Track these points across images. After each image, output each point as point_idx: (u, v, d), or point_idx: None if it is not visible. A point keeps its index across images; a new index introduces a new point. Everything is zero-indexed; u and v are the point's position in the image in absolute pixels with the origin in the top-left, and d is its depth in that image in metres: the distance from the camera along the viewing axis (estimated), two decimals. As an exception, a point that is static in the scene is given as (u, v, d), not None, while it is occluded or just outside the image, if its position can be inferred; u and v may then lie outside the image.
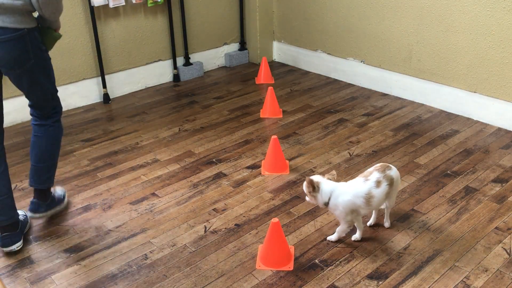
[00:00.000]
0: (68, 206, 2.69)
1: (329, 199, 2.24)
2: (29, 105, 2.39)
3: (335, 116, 3.72)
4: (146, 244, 2.39)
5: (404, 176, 2.88)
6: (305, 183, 2.25)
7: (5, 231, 2.31)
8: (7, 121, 3.53)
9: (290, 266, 2.22)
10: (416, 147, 3.22)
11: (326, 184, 2.25)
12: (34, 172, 2.43)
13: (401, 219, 2.52)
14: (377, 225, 2.48)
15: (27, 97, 2.34)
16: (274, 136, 2.94)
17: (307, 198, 2.30)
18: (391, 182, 2.27)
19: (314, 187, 2.23)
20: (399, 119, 3.64)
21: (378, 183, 2.23)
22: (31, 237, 2.46)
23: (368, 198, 2.23)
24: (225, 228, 2.50)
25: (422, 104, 3.85)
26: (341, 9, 4.19)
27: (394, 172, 2.31)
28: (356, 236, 2.38)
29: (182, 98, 4.14)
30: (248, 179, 2.91)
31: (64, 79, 3.87)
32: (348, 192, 2.23)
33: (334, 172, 2.32)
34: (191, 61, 4.58)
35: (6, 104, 2.84)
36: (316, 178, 2.27)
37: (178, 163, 3.11)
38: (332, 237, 2.38)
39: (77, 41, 3.85)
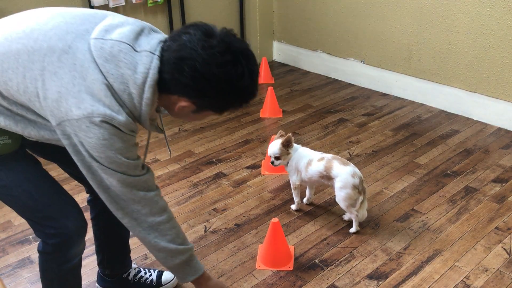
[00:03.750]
0: None
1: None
2: None
3: (335, 116, 3.72)
4: (146, 244, 2.39)
5: (404, 176, 2.88)
6: (279, 144, 2.42)
7: None
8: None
9: (290, 266, 2.22)
10: (416, 147, 3.22)
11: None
12: None
13: (401, 219, 2.52)
14: (377, 225, 2.48)
15: None
16: (274, 136, 2.93)
17: (276, 161, 2.46)
18: (328, 169, 2.37)
19: (291, 144, 2.44)
20: (399, 119, 3.63)
21: (321, 159, 2.41)
22: (31, 237, 2.46)
23: (307, 165, 2.43)
24: (225, 228, 2.50)
25: (422, 104, 3.85)
26: (341, 9, 4.19)
27: (342, 169, 2.34)
28: (291, 206, 2.63)
29: (182, 98, 4.13)
30: (248, 179, 2.91)
31: (64, 79, 3.86)
32: (304, 153, 2.48)
33: (282, 132, 2.53)
34: (191, 61, 4.57)
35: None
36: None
37: (178, 163, 3.10)
38: (293, 206, 2.62)
39: (77, 41, 3.84)
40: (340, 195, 2.36)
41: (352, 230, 2.43)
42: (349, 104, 3.92)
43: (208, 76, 1.31)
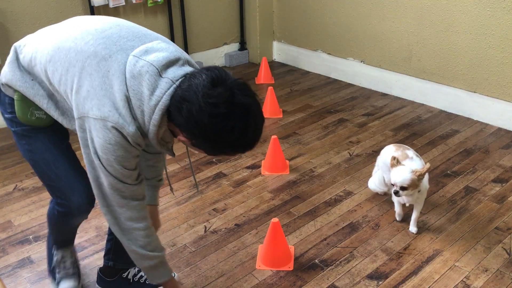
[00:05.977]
0: None
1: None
2: None
3: (335, 116, 3.72)
4: (146, 244, 2.39)
5: (404, 176, 2.88)
6: (412, 175, 2.20)
7: None
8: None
9: (290, 266, 2.22)
10: (416, 147, 3.22)
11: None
12: None
13: (401, 219, 2.52)
14: (377, 225, 2.48)
15: None
16: (274, 136, 2.94)
17: (402, 192, 2.24)
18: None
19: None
20: (399, 119, 3.64)
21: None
22: (31, 237, 2.46)
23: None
24: (225, 228, 2.50)
25: (422, 104, 3.85)
26: (341, 9, 4.19)
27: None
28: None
29: (182, 98, 4.13)
30: (248, 179, 2.91)
31: (64, 79, 3.86)
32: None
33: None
34: (191, 61, 4.57)
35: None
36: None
37: (178, 163, 3.10)
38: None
39: (77, 41, 3.84)
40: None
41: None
42: (349, 104, 3.92)
43: (199, 123, 1.38)
